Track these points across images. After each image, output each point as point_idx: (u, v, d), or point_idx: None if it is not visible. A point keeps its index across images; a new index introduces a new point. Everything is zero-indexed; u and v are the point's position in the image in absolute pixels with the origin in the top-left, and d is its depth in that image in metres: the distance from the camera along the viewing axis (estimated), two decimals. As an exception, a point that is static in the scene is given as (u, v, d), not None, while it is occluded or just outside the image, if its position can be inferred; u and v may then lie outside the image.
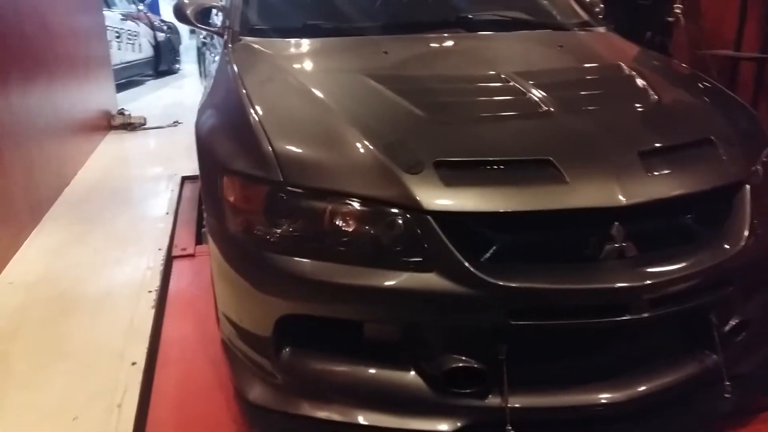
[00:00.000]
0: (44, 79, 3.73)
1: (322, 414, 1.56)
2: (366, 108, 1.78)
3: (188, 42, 12.00)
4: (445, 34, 2.40)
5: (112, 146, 5.10)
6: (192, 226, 3.25)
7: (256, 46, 2.27)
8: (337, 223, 1.52)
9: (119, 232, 3.20)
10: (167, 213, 3.43)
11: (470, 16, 2.49)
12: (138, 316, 2.30)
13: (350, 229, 1.51)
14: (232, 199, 1.67)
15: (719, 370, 1.61)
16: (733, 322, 1.67)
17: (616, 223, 1.48)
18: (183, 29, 12.33)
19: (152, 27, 9.58)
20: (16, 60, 2.99)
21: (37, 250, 2.97)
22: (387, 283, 1.46)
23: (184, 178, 4.09)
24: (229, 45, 2.31)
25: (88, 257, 2.88)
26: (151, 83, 8.95)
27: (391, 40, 2.31)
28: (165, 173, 4.22)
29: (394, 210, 1.47)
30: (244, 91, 1.91)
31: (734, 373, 1.63)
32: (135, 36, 8.79)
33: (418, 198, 1.45)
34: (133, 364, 1.99)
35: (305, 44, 2.29)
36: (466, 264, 1.42)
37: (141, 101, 6.59)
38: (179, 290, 2.56)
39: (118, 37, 7.87)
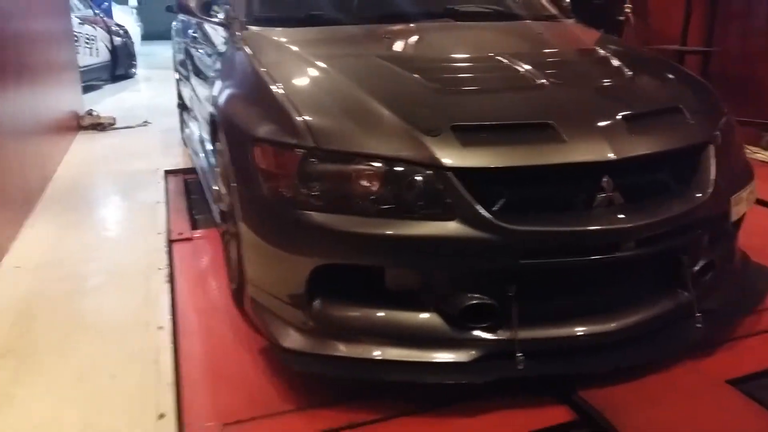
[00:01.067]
0: (27, 81, 3.79)
1: (353, 353, 1.74)
2: (382, 82, 1.98)
3: (139, 48, 11.93)
4: (436, 23, 2.63)
5: (85, 145, 5.12)
6: (185, 214, 3.37)
7: (264, 33, 2.44)
8: (364, 181, 1.71)
9: (115, 218, 3.30)
10: (158, 202, 3.53)
11: (456, 8, 2.72)
12: (153, 290, 2.42)
13: (377, 186, 1.70)
14: (264, 165, 1.84)
15: (691, 305, 1.88)
16: (701, 263, 1.94)
17: (606, 176, 1.73)
18: (135, 35, 12.29)
19: (109, 31, 9.49)
20: (2, 64, 3.07)
21: (35, 237, 3.03)
22: (412, 232, 1.66)
23: (167, 172, 4.19)
24: (237, 33, 2.47)
25: (90, 241, 2.97)
26: (109, 87, 8.88)
27: (388, 28, 2.52)
28: (147, 168, 4.29)
29: (417, 168, 1.67)
30: (263, 70, 2.09)
31: (704, 308, 1.90)
32: (92, 40, 8.71)
33: (439, 157, 1.66)
34: (160, 328, 2.12)
35: (311, 32, 2.47)
36: (483, 212, 1.64)
37: (102, 104, 6.57)
38: (183, 269, 2.68)
39: (76, 41, 7.81)
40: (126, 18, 12.37)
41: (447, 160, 1.66)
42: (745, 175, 2.13)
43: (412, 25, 2.60)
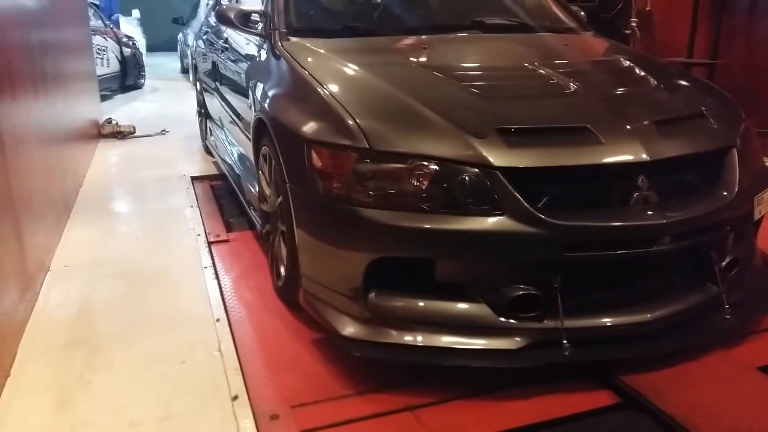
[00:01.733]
0: (61, 89, 3.92)
1: (407, 340, 1.87)
2: (425, 88, 2.12)
3: (144, 58, 12.08)
4: (465, 34, 2.78)
5: (108, 153, 5.24)
6: (218, 217, 3.50)
7: (305, 43, 2.58)
8: (416, 180, 1.84)
9: (151, 222, 3.41)
10: (191, 206, 3.65)
11: (484, 20, 2.87)
12: (202, 286, 2.54)
13: (428, 184, 1.83)
14: (320, 166, 1.97)
15: (720, 298, 2.01)
16: (728, 259, 2.08)
17: (641, 176, 1.86)
18: (142, 46, 12.45)
19: (119, 42, 9.64)
20: (36, 75, 3.19)
21: (78, 239, 3.14)
22: (463, 226, 1.79)
23: (193, 178, 4.32)
24: (279, 44, 2.61)
25: (131, 242, 3.09)
26: (120, 97, 9.01)
27: (421, 39, 2.67)
28: (172, 174, 4.41)
29: (467, 167, 1.80)
30: (311, 76, 2.23)
31: (732, 301, 2.03)
32: (103, 51, 8.85)
33: (487, 156, 1.79)
34: (218, 320, 2.23)
35: (349, 41, 2.62)
36: (530, 208, 1.77)
37: (117, 113, 6.67)
38: (225, 267, 2.80)
39: (89, 51, 7.96)
40: (133, 29, 12.54)
41: (495, 160, 1.79)
42: (765, 178, 2.27)
43: (444, 36, 2.74)
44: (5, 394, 1.83)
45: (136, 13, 14.50)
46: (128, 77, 9.78)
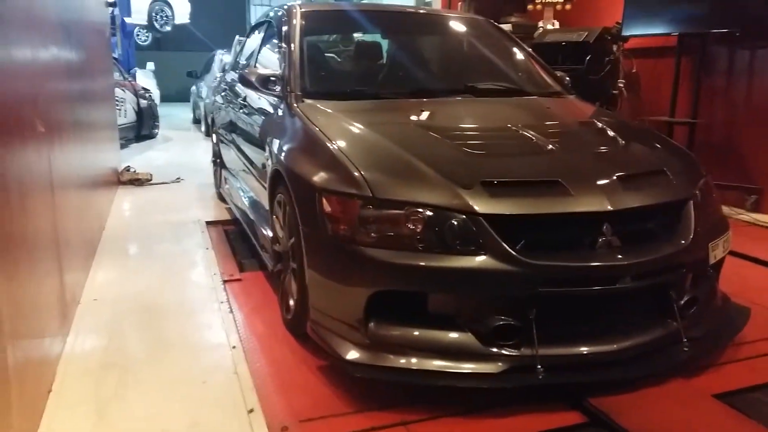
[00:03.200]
0: (92, 136, 4.28)
1: (402, 363, 2.13)
2: (421, 145, 2.45)
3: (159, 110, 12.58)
4: (458, 98, 3.14)
5: (127, 198, 5.58)
6: (231, 259, 3.79)
7: (317, 105, 2.93)
8: (412, 224, 2.14)
9: (171, 262, 3.70)
10: (207, 248, 3.95)
11: (475, 85, 3.24)
12: (219, 319, 2.82)
13: (422, 228, 2.13)
14: (329, 211, 2.28)
15: (679, 333, 2.28)
16: (686, 298, 2.35)
17: (606, 223, 2.17)
18: (156, 97, 13.00)
19: (136, 94, 10.14)
20: (75, 123, 3.52)
21: (104, 277, 3.43)
22: (451, 264, 2.09)
23: (208, 223, 4.63)
24: (295, 105, 2.96)
25: (154, 281, 3.37)
26: (135, 146, 9.42)
27: (419, 102, 3.03)
28: (188, 219, 4.73)
29: (455, 214, 2.11)
30: (322, 134, 2.57)
31: (690, 336, 2.30)
32: (122, 102, 9.33)
33: (473, 205, 2.10)
34: (233, 347, 2.50)
35: (356, 104, 2.97)
36: (509, 249, 2.06)
37: (133, 161, 6.97)
38: (239, 303, 3.08)
39: (108, 102, 8.42)
40: (148, 81, 13.11)
41: (479, 207, 2.10)
42: (721, 227, 2.57)
43: (439, 100, 3.10)
44: (49, 406, 2.09)
45: (150, 65, 15.15)
46: (144, 127, 10.25)
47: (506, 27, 6.58)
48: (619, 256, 2.15)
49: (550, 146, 2.47)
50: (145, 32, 17.07)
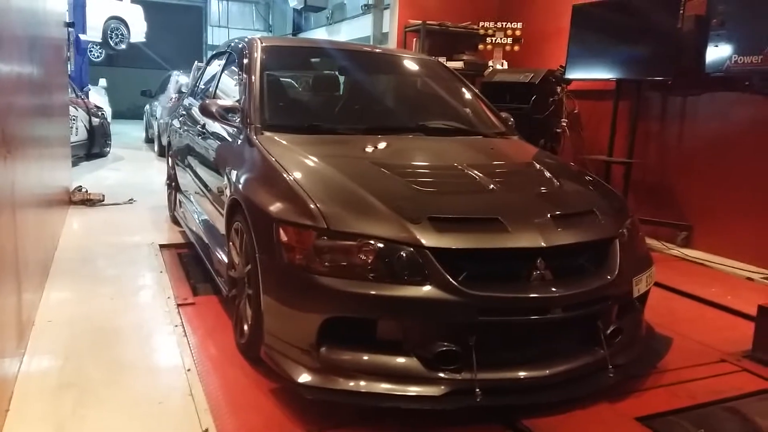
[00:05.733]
0: (46, 154, 4.30)
1: (351, 386, 2.28)
2: (374, 181, 2.63)
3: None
4: (410, 136, 3.35)
5: (79, 219, 5.56)
6: (185, 282, 3.87)
7: (276, 138, 3.08)
8: (363, 255, 2.30)
9: (125, 284, 3.75)
10: (161, 272, 4.01)
11: (426, 124, 3.46)
12: (174, 342, 2.90)
13: (372, 258, 2.30)
14: (286, 240, 2.42)
15: (605, 360, 2.50)
16: (612, 328, 2.58)
17: (539, 258, 2.38)
18: (109, 114, 12.87)
19: (88, 112, 10.05)
20: (34, 139, 3.56)
21: (57, 299, 3.46)
22: (398, 293, 2.26)
23: (161, 246, 4.68)
24: (254, 137, 3.10)
25: (108, 303, 3.41)
26: (85, 165, 9.30)
27: (374, 138, 3.22)
28: (142, 242, 4.77)
29: (404, 246, 2.29)
30: (280, 167, 2.72)
31: (615, 363, 2.52)
32: (74, 120, 9.23)
33: (420, 239, 2.28)
34: (188, 370, 2.59)
35: (313, 138, 3.14)
36: (452, 280, 2.25)
37: (83, 181, 6.86)
38: (193, 327, 3.16)
39: (60, 119, 8.34)
40: (100, 98, 12.96)
41: (425, 241, 2.28)
42: (645, 262, 2.82)
43: (392, 137, 3.31)
44: (7, 424, 2.15)
45: (102, 82, 14.95)
46: (95, 146, 10.14)
47: (458, 64, 6.92)
48: (552, 289, 2.36)
49: (492, 186, 2.68)
50: (98, 48, 16.89)
